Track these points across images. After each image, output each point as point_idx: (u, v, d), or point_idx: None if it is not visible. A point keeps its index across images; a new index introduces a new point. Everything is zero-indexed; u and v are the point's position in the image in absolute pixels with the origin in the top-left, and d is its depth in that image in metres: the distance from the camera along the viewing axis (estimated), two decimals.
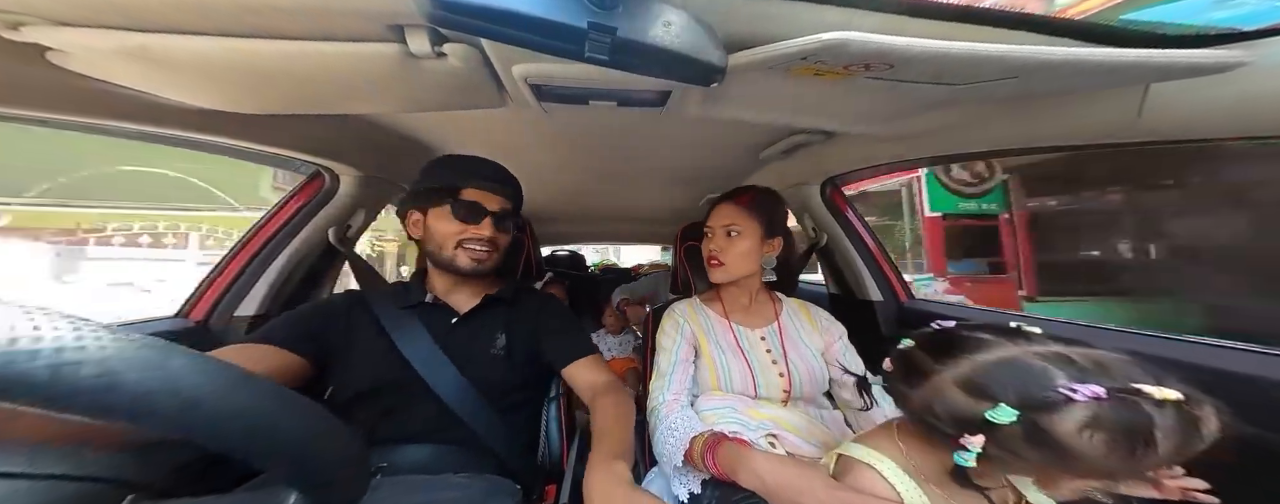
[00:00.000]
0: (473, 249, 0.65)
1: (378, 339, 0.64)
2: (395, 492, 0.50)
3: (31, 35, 0.38)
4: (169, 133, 0.61)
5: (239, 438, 0.18)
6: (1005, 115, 0.59)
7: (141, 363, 0.16)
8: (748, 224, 0.72)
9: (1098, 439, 0.30)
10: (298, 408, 0.20)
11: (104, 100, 0.50)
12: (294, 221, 0.89)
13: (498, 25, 0.29)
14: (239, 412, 0.18)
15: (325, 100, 0.55)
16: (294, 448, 0.19)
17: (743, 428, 0.63)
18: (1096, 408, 0.30)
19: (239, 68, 0.45)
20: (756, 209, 0.73)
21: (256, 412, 0.18)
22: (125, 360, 0.16)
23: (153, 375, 0.16)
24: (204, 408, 0.17)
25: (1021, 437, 0.32)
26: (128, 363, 0.16)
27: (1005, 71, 0.41)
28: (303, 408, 0.20)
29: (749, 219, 0.73)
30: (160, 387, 0.16)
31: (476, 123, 0.78)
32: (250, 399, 0.18)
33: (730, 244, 0.72)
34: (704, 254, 0.76)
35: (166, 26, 0.38)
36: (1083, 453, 0.30)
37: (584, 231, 2.52)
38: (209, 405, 0.17)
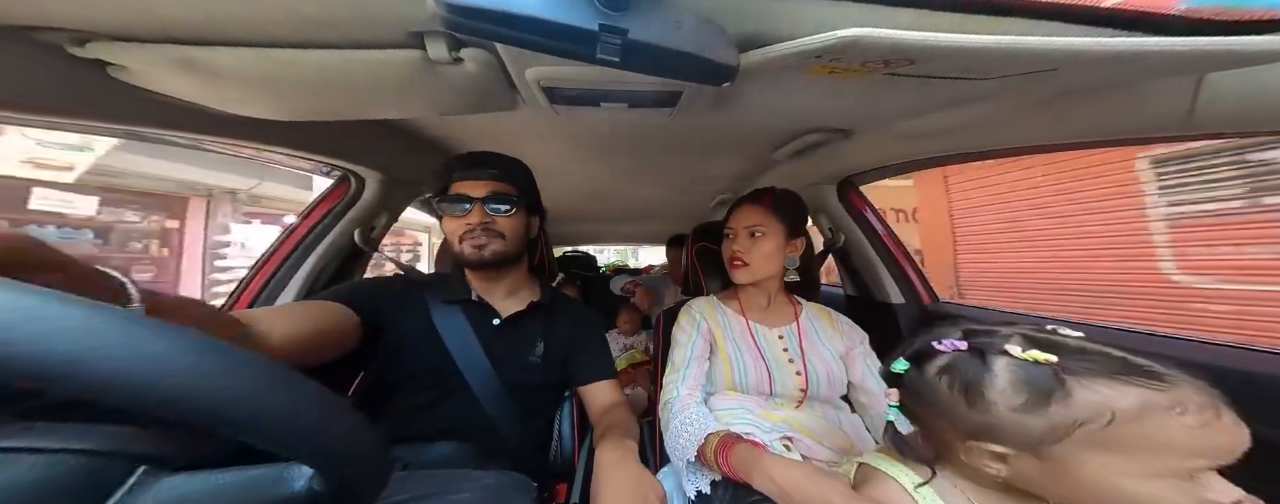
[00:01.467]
0: (470, 239, 0.65)
1: (426, 328, 0.66)
2: (416, 484, 0.52)
3: (96, 51, 0.42)
4: (214, 140, 0.65)
5: (258, 431, 0.18)
6: (1040, 110, 0.56)
7: (151, 348, 0.16)
8: (772, 225, 0.72)
9: (945, 383, 0.34)
10: (322, 402, 0.20)
11: (157, 110, 0.55)
12: (323, 223, 0.93)
13: (511, 29, 0.30)
14: (258, 404, 0.18)
15: (352, 106, 0.58)
16: (315, 442, 0.19)
17: (757, 430, 0.62)
18: (953, 357, 0.35)
19: (276, 77, 0.48)
20: (780, 210, 0.73)
21: (277, 404, 0.18)
22: (132, 344, 0.16)
23: (163, 361, 0.16)
24: (222, 400, 0.17)
25: (910, 384, 0.37)
26: (135, 347, 0.16)
27: (1041, 65, 0.39)
28: (327, 402, 0.20)
29: (773, 220, 0.72)
30: (173, 375, 0.16)
31: (491, 126, 0.80)
32: (272, 391, 0.19)
33: (754, 245, 0.72)
34: (726, 255, 0.75)
35: (209, 39, 0.41)
36: (936, 396, 0.35)
37: (596, 232, 2.54)
38: (229, 398, 0.17)
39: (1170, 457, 0.28)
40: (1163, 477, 0.28)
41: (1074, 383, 0.30)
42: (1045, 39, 0.34)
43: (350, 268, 1.04)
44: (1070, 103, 0.52)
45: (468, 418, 0.63)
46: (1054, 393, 0.30)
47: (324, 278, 0.96)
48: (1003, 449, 0.32)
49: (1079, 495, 0.30)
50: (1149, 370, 0.30)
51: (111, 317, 0.17)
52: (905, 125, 0.66)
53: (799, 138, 0.84)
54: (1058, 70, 0.40)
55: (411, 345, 0.65)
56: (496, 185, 0.67)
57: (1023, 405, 0.31)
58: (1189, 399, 0.28)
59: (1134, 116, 0.49)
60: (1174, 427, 0.28)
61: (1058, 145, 0.62)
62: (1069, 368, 0.31)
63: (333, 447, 0.20)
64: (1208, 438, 0.28)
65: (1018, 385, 0.31)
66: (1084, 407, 0.29)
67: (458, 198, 0.65)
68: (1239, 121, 0.44)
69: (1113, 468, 0.29)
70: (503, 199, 0.66)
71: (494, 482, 0.56)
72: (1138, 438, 0.28)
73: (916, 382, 0.37)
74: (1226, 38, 0.34)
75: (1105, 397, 0.29)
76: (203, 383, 0.17)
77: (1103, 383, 0.30)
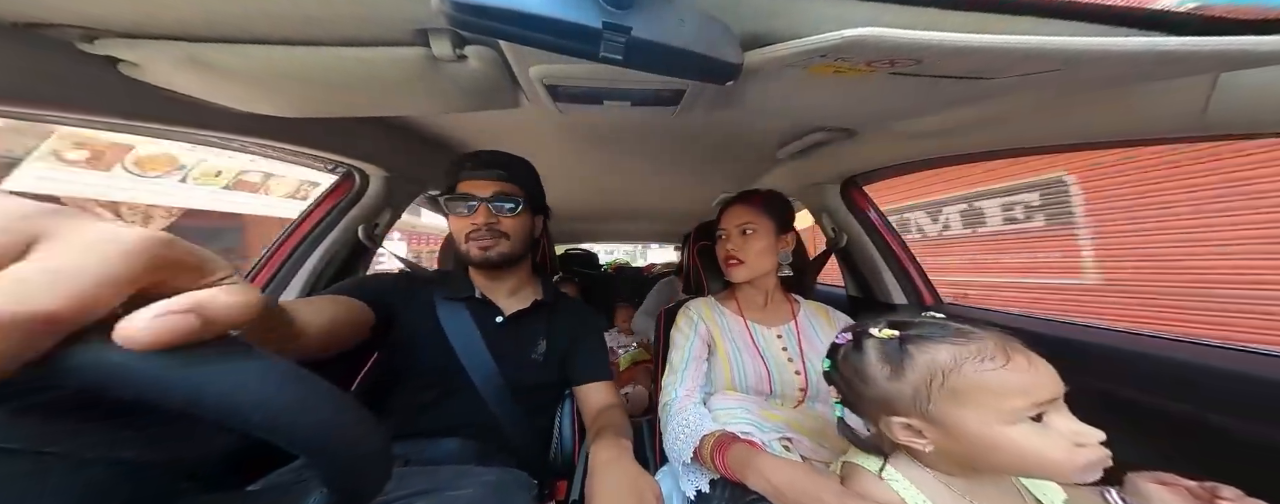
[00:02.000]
0: (476, 239, 0.66)
1: (431, 324, 0.66)
2: (418, 480, 0.52)
3: (105, 48, 0.43)
4: (221, 135, 0.66)
5: (260, 425, 0.18)
6: (1048, 110, 0.55)
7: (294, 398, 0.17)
8: (761, 222, 0.73)
9: (847, 370, 0.41)
10: (324, 397, 0.20)
11: (165, 107, 0.55)
12: (327, 219, 0.94)
13: (515, 27, 0.30)
14: (261, 399, 0.18)
15: (357, 103, 0.58)
16: (317, 438, 0.19)
17: (756, 430, 0.62)
18: (846, 348, 0.42)
19: (282, 73, 0.48)
20: (768, 207, 0.75)
21: (280, 399, 0.18)
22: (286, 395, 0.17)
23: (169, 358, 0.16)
24: (222, 393, 0.17)
25: (830, 380, 0.44)
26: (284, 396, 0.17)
27: (1049, 64, 0.38)
28: (329, 398, 0.20)
29: (762, 217, 0.74)
30: (176, 372, 0.16)
31: (494, 123, 0.80)
32: (274, 385, 0.19)
33: (747, 242, 0.73)
34: (721, 256, 0.76)
35: (220, 36, 0.41)
36: (846, 384, 0.42)
37: (598, 230, 2.54)
38: (230, 391, 0.17)
39: (997, 398, 0.34)
40: (1013, 421, 0.33)
41: (913, 348, 0.38)
42: (1054, 39, 0.34)
43: (353, 264, 1.04)
44: (1079, 103, 0.52)
45: (471, 415, 0.63)
46: (904, 360, 0.37)
47: (328, 274, 0.97)
48: (904, 419, 0.37)
49: (980, 452, 0.35)
50: (959, 330, 0.38)
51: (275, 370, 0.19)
52: (909, 125, 0.66)
53: (802, 137, 0.83)
54: (1065, 70, 0.40)
55: (417, 342, 0.65)
56: (503, 186, 0.67)
57: (890, 375, 0.38)
58: (986, 348, 0.35)
59: (1146, 117, 0.49)
60: (984, 371, 0.34)
61: (1066, 146, 0.62)
62: (907, 338, 0.38)
63: (346, 457, 0.20)
64: (1010, 377, 0.34)
65: (881, 359, 0.39)
66: (922, 366, 0.36)
67: (464, 197, 0.66)
68: (1254, 123, 0.43)
69: (975, 418, 0.34)
70: (508, 199, 0.67)
71: (495, 478, 0.56)
72: (968, 386, 0.35)
73: (833, 376, 0.44)
74: (1241, 37, 0.34)
75: (931, 354, 0.37)
76: (305, 414, 0.19)
77: (928, 345, 0.37)
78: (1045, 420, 0.33)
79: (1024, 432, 0.33)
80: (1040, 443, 0.33)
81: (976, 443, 0.34)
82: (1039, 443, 0.33)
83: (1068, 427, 0.33)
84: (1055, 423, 0.33)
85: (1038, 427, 0.33)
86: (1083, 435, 0.33)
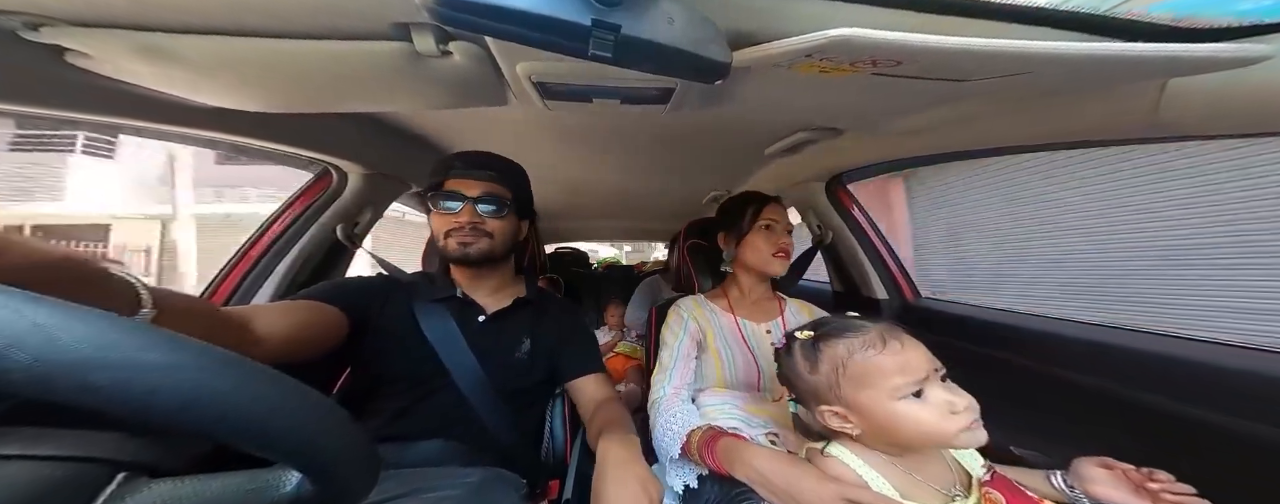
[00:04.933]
0: (456, 235, 0.65)
1: (409, 326, 0.65)
2: (402, 483, 0.51)
3: (51, 36, 0.39)
4: (183, 131, 0.62)
5: (245, 435, 0.17)
6: (1018, 111, 0.58)
7: (143, 354, 0.16)
8: (788, 224, 0.80)
9: (785, 367, 0.48)
10: (309, 403, 0.20)
11: (120, 99, 0.52)
12: (303, 218, 0.90)
13: (502, 23, 0.29)
14: (248, 408, 0.18)
15: (333, 98, 0.56)
16: (304, 445, 0.19)
17: (744, 425, 0.64)
18: (780, 350, 0.49)
19: (249, 66, 0.45)
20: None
21: (266, 407, 0.18)
22: (123, 350, 0.15)
23: (149, 364, 0.16)
24: (207, 404, 0.17)
25: (782, 374, 0.49)
26: (125, 353, 0.15)
27: (1017, 67, 0.40)
28: (314, 404, 0.20)
29: (788, 221, 0.81)
30: (162, 380, 0.16)
31: (481, 121, 0.78)
32: (260, 394, 0.18)
33: (787, 240, 0.79)
34: (770, 247, 0.78)
35: (178, 26, 0.39)
36: (787, 377, 0.48)
37: (587, 229, 2.52)
38: (215, 401, 0.17)
39: (882, 378, 0.40)
40: (897, 397, 0.39)
41: (822, 345, 0.44)
42: (1022, 42, 0.36)
43: (332, 265, 1.01)
44: (1046, 105, 0.54)
45: (455, 416, 0.63)
46: (816, 355, 0.44)
47: (304, 275, 0.93)
48: (830, 407, 0.43)
49: (886, 427, 0.41)
50: (855, 326, 0.44)
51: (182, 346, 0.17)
52: (892, 124, 0.68)
53: (789, 136, 0.85)
54: (1033, 73, 0.42)
55: (395, 344, 0.64)
56: (490, 187, 0.66)
57: (809, 370, 0.45)
58: (869, 337, 0.42)
59: (1103, 119, 0.52)
60: (869, 358, 0.41)
61: (1034, 146, 0.65)
62: (821, 337, 0.45)
63: (329, 454, 0.20)
64: (887, 360, 0.40)
65: (802, 357, 0.46)
66: (827, 359, 0.43)
67: (450, 194, 0.65)
68: (1200, 125, 0.46)
69: (872, 398, 0.40)
70: (494, 201, 0.66)
71: (479, 479, 0.55)
72: (860, 371, 0.41)
73: (780, 377, 0.50)
74: (1187, 44, 0.36)
75: (833, 348, 0.43)
76: (237, 400, 0.18)
77: (832, 340, 0.44)
78: (924, 395, 0.39)
79: (908, 406, 0.39)
80: (922, 414, 0.39)
81: (880, 420, 0.40)
82: (921, 414, 0.39)
83: (942, 398, 0.39)
84: (932, 396, 0.39)
85: (919, 401, 0.39)
86: (955, 404, 0.39)
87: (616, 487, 0.46)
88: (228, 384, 0.18)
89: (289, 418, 0.19)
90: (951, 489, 0.42)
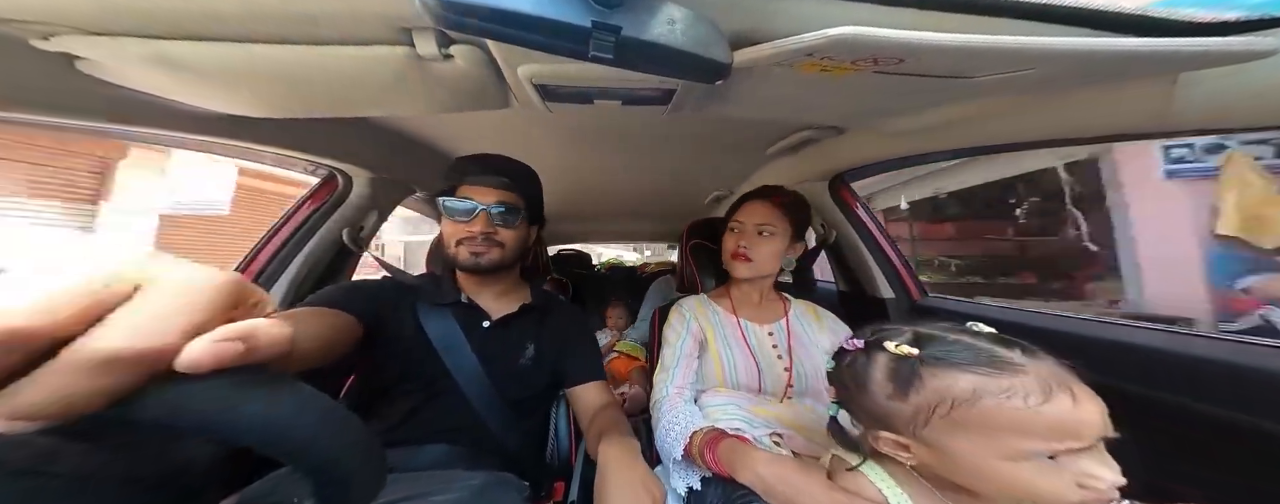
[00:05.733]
0: (469, 245, 0.65)
1: (414, 331, 0.65)
2: (405, 486, 0.52)
3: (61, 45, 0.40)
4: (191, 137, 0.63)
5: (254, 438, 0.18)
6: (1025, 108, 0.57)
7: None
8: (780, 225, 0.74)
9: (848, 377, 0.40)
10: (318, 409, 0.20)
11: (131, 107, 0.53)
12: (310, 223, 0.91)
13: (503, 26, 0.30)
14: (253, 412, 0.18)
15: (338, 103, 0.57)
16: (312, 450, 0.19)
17: (747, 425, 0.63)
18: (855, 354, 0.41)
19: (255, 73, 0.46)
20: (789, 212, 0.75)
21: (273, 412, 0.18)
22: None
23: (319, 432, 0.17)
24: (217, 410, 0.17)
25: (833, 381, 0.43)
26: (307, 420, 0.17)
27: (1022, 63, 0.40)
28: (324, 410, 0.20)
29: (782, 220, 0.74)
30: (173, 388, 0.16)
31: (483, 124, 0.79)
32: (268, 399, 0.18)
33: (761, 242, 0.73)
34: (730, 248, 0.75)
35: (186, 33, 0.40)
36: (846, 390, 0.41)
37: (590, 230, 2.52)
38: (250, 414, 0.17)
39: (1014, 436, 0.30)
40: (1021, 459, 0.30)
41: (928, 372, 0.34)
42: (1028, 39, 0.35)
43: (338, 268, 1.02)
44: (1054, 101, 0.54)
45: (459, 420, 0.63)
46: (913, 381, 0.34)
47: (311, 279, 0.94)
48: (895, 436, 0.35)
49: (968, 479, 0.33)
50: (998, 359, 0.33)
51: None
52: (895, 123, 0.67)
53: (792, 135, 0.84)
54: (1039, 69, 0.41)
55: (401, 349, 0.64)
56: (505, 194, 0.66)
57: (893, 393, 0.35)
58: (1020, 385, 0.31)
59: (1113, 114, 0.51)
60: (1005, 409, 0.31)
61: (1042, 142, 0.64)
62: (926, 359, 0.35)
63: (346, 467, 0.20)
64: (1039, 418, 0.30)
65: (888, 376, 0.36)
66: (932, 392, 0.33)
67: (464, 201, 0.65)
68: (1213, 120, 0.46)
69: (974, 450, 0.32)
70: (509, 209, 0.66)
71: (481, 482, 0.55)
72: (978, 419, 0.31)
73: (834, 379, 0.43)
74: (1199, 38, 0.36)
75: (947, 383, 0.33)
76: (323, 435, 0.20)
77: (950, 371, 0.33)
78: (1060, 460, 0.29)
79: (1028, 469, 0.30)
80: (1041, 483, 0.29)
81: (968, 471, 0.32)
82: (1039, 482, 0.29)
83: (1084, 470, 0.29)
84: (1071, 465, 0.29)
85: (1046, 465, 0.29)
86: (1093, 478, 0.29)
87: (618, 489, 0.45)
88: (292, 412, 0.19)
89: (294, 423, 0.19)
90: None
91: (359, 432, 0.21)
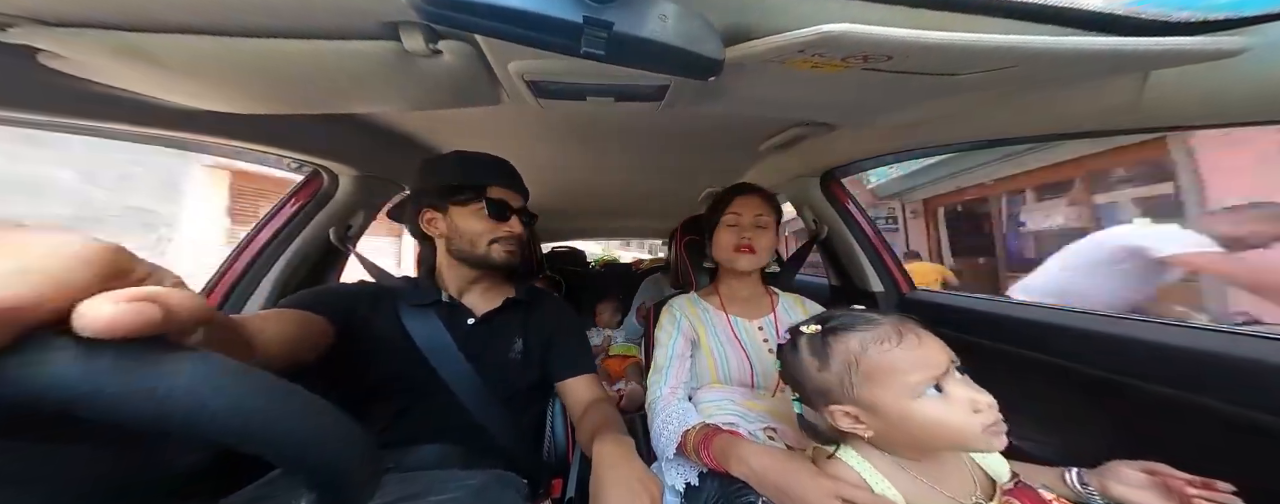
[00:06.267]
0: (505, 244, 0.68)
1: (397, 333, 0.64)
2: (402, 487, 0.51)
3: (22, 37, 0.38)
4: (166, 134, 0.61)
5: (248, 440, 0.17)
6: (1006, 104, 0.59)
7: (147, 360, 0.16)
8: (770, 217, 0.78)
9: (790, 366, 0.45)
10: (311, 408, 0.20)
11: (100, 102, 0.50)
12: (295, 222, 0.89)
13: (493, 21, 0.29)
14: (249, 412, 0.18)
15: (321, 99, 0.55)
16: (306, 450, 0.19)
17: (741, 420, 0.64)
18: (784, 345, 0.47)
19: (233, 67, 0.44)
20: (774, 204, 0.81)
21: (267, 412, 0.18)
22: (128, 358, 0.15)
23: (158, 373, 0.16)
24: (212, 409, 0.17)
25: (786, 373, 0.46)
26: (133, 361, 0.15)
27: (1005, 61, 0.41)
28: (316, 409, 0.20)
29: (770, 213, 0.79)
30: (169, 387, 0.16)
31: (474, 120, 0.77)
32: (262, 398, 0.18)
33: (760, 233, 0.77)
34: (732, 242, 0.76)
35: (159, 25, 0.38)
36: (791, 378, 0.46)
37: (583, 227, 2.51)
38: (219, 406, 0.17)
39: (900, 375, 0.37)
40: (917, 395, 0.37)
41: (832, 339, 0.42)
42: (1010, 37, 0.36)
43: (326, 268, 1.00)
44: (1034, 97, 0.55)
45: (451, 419, 0.62)
46: (826, 351, 0.41)
47: (297, 279, 0.92)
48: (841, 407, 0.41)
49: (903, 430, 0.38)
50: (866, 319, 0.42)
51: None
52: (885, 119, 0.68)
53: (783, 131, 0.85)
54: (1021, 66, 0.42)
55: (384, 352, 0.63)
56: (524, 200, 0.72)
57: (819, 367, 0.42)
58: (883, 331, 0.40)
59: (1087, 111, 0.53)
60: (884, 351, 0.39)
61: (1022, 138, 0.66)
62: (830, 331, 0.42)
63: (341, 468, 0.20)
64: (904, 355, 0.38)
65: (810, 353, 0.43)
66: (839, 354, 0.41)
67: (502, 204, 0.68)
68: (1180, 116, 0.47)
69: (889, 396, 0.38)
70: (528, 214, 0.72)
71: (479, 481, 0.55)
72: (875, 367, 0.38)
73: (783, 375, 0.48)
74: (1169, 38, 0.37)
75: (845, 345, 0.41)
76: (279, 421, 0.18)
77: (842, 334, 0.41)
78: (945, 391, 0.37)
79: (929, 403, 0.37)
80: (944, 412, 0.36)
81: (897, 420, 0.38)
82: (943, 412, 0.36)
83: (964, 394, 0.37)
84: (953, 392, 0.37)
85: (940, 397, 0.37)
86: (977, 402, 0.36)
87: (615, 488, 0.46)
88: (278, 408, 0.18)
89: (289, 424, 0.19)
90: (971, 497, 0.39)
91: (349, 428, 0.21)
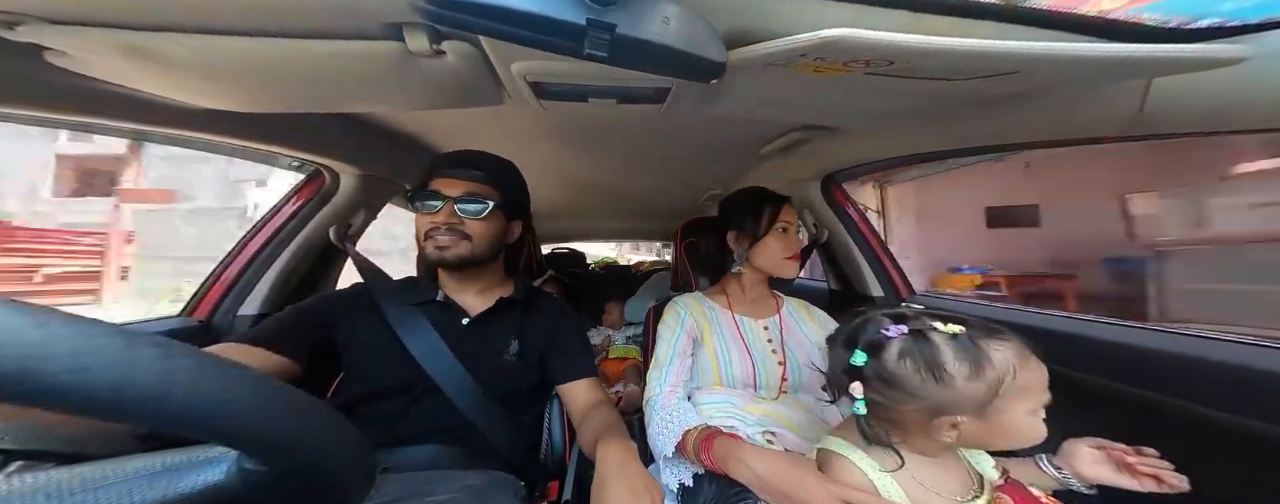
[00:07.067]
0: (433, 238, 0.63)
1: (387, 338, 0.63)
2: (398, 488, 0.51)
3: (28, 35, 0.38)
4: (169, 132, 0.61)
5: (239, 439, 0.17)
6: (1008, 110, 0.59)
7: (120, 359, 0.15)
8: (799, 226, 0.81)
9: (910, 366, 0.38)
10: (304, 408, 0.20)
11: (104, 100, 0.50)
12: (295, 220, 0.89)
13: (496, 23, 0.29)
14: (241, 411, 0.17)
15: (324, 99, 0.55)
16: (300, 449, 0.19)
17: (740, 424, 0.64)
18: (902, 342, 0.39)
19: (237, 67, 0.45)
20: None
21: (261, 411, 0.18)
22: (108, 355, 0.15)
23: (138, 370, 0.16)
24: (206, 409, 0.16)
25: (876, 374, 0.39)
26: (114, 359, 0.15)
27: (1007, 66, 0.41)
28: (309, 408, 0.20)
29: (798, 222, 0.82)
30: (153, 385, 0.16)
31: (476, 121, 0.77)
32: (256, 398, 0.18)
33: (800, 242, 0.79)
34: (786, 250, 0.76)
35: (164, 25, 0.38)
36: (905, 380, 0.38)
37: (584, 229, 2.51)
38: (211, 406, 0.17)
39: (1037, 392, 0.38)
40: (1035, 411, 0.38)
41: (985, 346, 0.37)
42: (1011, 43, 0.36)
43: (327, 266, 0.99)
44: (1035, 104, 0.55)
45: (446, 420, 0.62)
46: (981, 358, 0.37)
47: (296, 278, 0.92)
48: (962, 418, 0.37)
49: (1001, 440, 0.38)
50: (989, 329, 0.39)
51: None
52: (885, 124, 0.68)
53: (785, 134, 0.85)
54: (1022, 72, 0.42)
55: (374, 355, 0.63)
56: (474, 186, 0.64)
57: (969, 374, 0.37)
58: (1024, 347, 0.38)
59: (1090, 117, 0.53)
60: (1032, 368, 0.38)
61: (1023, 144, 0.66)
62: (982, 335, 0.38)
63: (330, 468, 0.20)
64: (1041, 375, 0.38)
65: (958, 357, 0.37)
66: (999, 365, 0.37)
67: (431, 194, 0.63)
68: (1183, 123, 0.48)
69: (1020, 412, 0.37)
70: (477, 201, 0.64)
71: (475, 482, 0.55)
72: (1027, 382, 0.37)
73: (882, 370, 0.39)
74: (1171, 45, 0.37)
75: (1003, 354, 0.37)
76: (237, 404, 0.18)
77: (1000, 345, 0.38)
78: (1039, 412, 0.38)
79: (1036, 421, 0.38)
80: (1039, 428, 0.38)
81: (1003, 431, 0.38)
82: (1039, 428, 0.38)
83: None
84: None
85: (1039, 417, 0.38)
86: (1038, 409, 0.38)
87: (618, 493, 0.45)
88: (216, 390, 0.17)
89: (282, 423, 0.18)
90: (966, 494, 0.41)
91: (340, 426, 0.20)
